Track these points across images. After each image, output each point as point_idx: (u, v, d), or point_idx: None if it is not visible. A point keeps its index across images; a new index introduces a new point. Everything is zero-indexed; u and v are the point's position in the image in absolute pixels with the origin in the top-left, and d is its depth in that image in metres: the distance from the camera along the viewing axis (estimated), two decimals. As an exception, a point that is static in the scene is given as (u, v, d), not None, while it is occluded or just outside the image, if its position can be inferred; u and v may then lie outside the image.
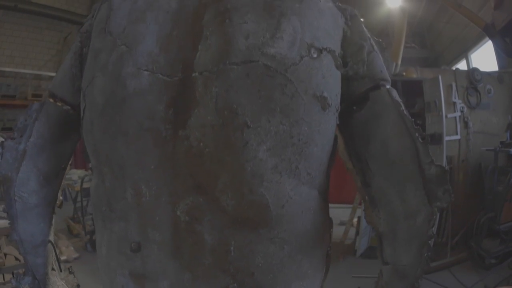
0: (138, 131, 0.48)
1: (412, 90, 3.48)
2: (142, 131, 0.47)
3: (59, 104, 0.64)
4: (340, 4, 0.60)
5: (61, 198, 0.78)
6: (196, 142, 0.45)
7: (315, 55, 0.49)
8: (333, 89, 0.52)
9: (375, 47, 0.60)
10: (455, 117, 3.52)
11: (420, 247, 0.56)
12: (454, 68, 6.47)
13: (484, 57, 5.52)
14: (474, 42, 5.58)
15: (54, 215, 0.73)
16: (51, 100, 0.64)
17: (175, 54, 0.48)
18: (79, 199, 3.63)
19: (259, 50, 0.46)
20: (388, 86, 0.58)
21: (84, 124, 0.56)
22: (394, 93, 0.58)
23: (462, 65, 6.25)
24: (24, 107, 5.85)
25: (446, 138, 3.31)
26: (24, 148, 0.62)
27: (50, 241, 0.72)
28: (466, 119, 3.64)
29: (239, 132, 0.45)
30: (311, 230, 0.54)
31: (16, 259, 2.62)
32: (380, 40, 0.64)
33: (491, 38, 4.13)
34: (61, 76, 0.65)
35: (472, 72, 3.76)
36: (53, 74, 6.14)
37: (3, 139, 0.65)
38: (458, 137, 3.53)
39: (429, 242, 0.56)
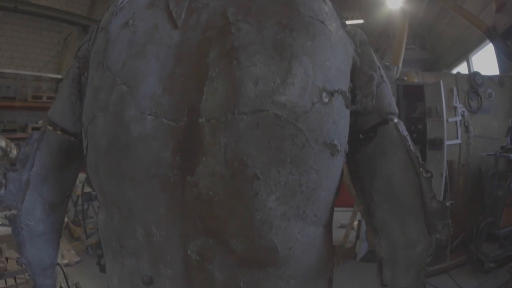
0: (145, 176, 0.47)
1: (413, 94, 3.48)
2: (149, 177, 0.47)
3: (59, 133, 0.63)
4: (349, 28, 0.58)
5: (66, 220, 0.79)
6: (205, 190, 0.45)
7: (326, 100, 0.48)
8: (342, 132, 0.52)
9: (384, 77, 0.59)
10: (456, 122, 3.53)
11: (417, 272, 0.59)
12: (455, 72, 6.49)
13: (485, 60, 5.51)
14: (475, 45, 5.57)
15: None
16: (51, 128, 0.63)
17: (180, 96, 0.46)
18: (79, 202, 3.63)
19: (269, 98, 0.44)
20: (396, 120, 0.58)
21: (88, 162, 0.55)
22: (402, 127, 0.58)
23: (462, 67, 6.25)
24: (24, 109, 5.80)
25: (447, 143, 3.32)
26: (27, 178, 0.62)
27: (58, 264, 0.73)
28: (466, 123, 3.65)
29: (249, 183, 0.45)
30: (316, 264, 0.55)
31: (18, 263, 2.63)
32: (388, 63, 0.63)
33: (493, 41, 4.12)
34: (60, 104, 0.64)
35: (473, 76, 3.76)
36: (53, 75, 6.16)
37: (6, 169, 0.65)
38: (458, 141, 3.53)
39: (426, 267, 0.59)
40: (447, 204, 0.56)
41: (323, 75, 0.48)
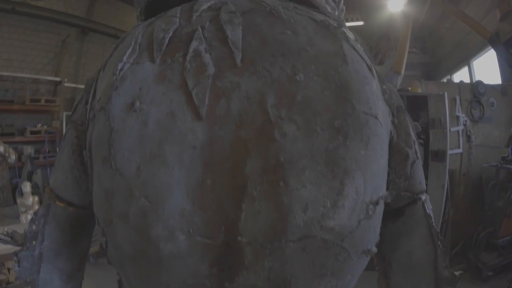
0: (181, 285, 0.44)
1: (416, 104, 3.47)
2: (186, 286, 0.44)
3: (66, 207, 0.58)
4: (388, 96, 0.53)
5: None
6: None
7: (371, 212, 0.45)
8: (378, 232, 0.51)
9: (418, 152, 0.56)
10: (458, 131, 3.53)
11: None
12: (456, 76, 6.50)
13: (486, 66, 5.51)
14: (477, 50, 5.56)
15: None
16: (57, 202, 0.58)
17: (214, 213, 0.40)
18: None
19: (318, 224, 0.40)
20: (423, 198, 0.58)
21: (110, 256, 0.50)
22: (428, 205, 0.58)
23: (464, 72, 6.25)
24: (22, 112, 5.75)
25: (449, 152, 3.33)
26: (39, 252, 0.58)
27: None
28: (468, 132, 3.66)
29: None
30: None
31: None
32: (420, 131, 0.60)
33: (496, 49, 4.11)
34: (62, 177, 0.58)
35: (476, 85, 3.76)
36: (51, 78, 6.09)
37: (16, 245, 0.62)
38: (460, 150, 3.54)
39: None
40: (457, 274, 0.56)
41: (372, 187, 0.44)
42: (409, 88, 3.67)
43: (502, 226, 3.14)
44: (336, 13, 0.61)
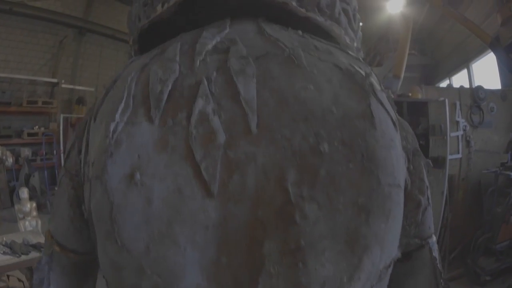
0: None
1: (416, 109, 3.47)
2: None
3: (69, 254, 0.55)
4: (405, 142, 0.49)
5: None
6: None
7: (383, 276, 0.43)
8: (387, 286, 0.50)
9: (430, 198, 0.53)
10: (458, 136, 3.54)
11: None
12: (454, 79, 6.50)
13: (486, 69, 5.52)
14: (476, 53, 5.57)
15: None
16: (59, 250, 0.55)
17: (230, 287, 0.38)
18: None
19: None
20: (431, 242, 0.57)
21: None
22: (434, 247, 0.57)
23: (463, 74, 6.26)
24: (19, 114, 5.73)
25: (449, 157, 3.34)
26: None
27: None
28: (468, 138, 3.67)
29: None
30: None
31: (19, 280, 2.62)
32: (429, 162, 0.59)
33: (497, 54, 4.11)
34: (63, 226, 0.54)
35: (477, 91, 3.76)
36: (48, 79, 6.04)
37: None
38: (459, 156, 3.55)
39: None
40: None
41: (388, 254, 0.42)
42: (410, 94, 3.66)
43: (501, 231, 3.16)
44: (355, 44, 0.57)
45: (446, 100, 3.24)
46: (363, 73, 0.44)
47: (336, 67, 0.43)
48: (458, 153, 3.53)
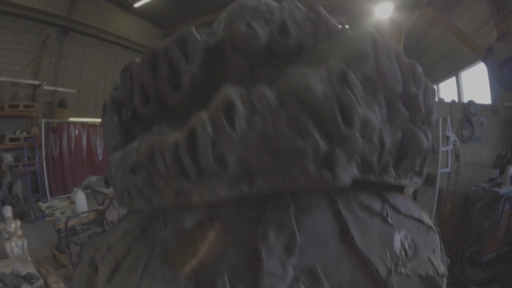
0: None
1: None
2: None
3: None
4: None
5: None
6: None
7: None
8: None
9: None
10: (447, 151, 3.58)
11: None
12: (441, 85, 6.55)
13: (475, 78, 5.58)
14: (466, 63, 5.61)
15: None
16: None
17: None
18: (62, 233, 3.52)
19: None
20: None
21: None
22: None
23: (451, 82, 6.34)
24: (0, 118, 5.43)
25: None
26: None
27: None
28: (457, 152, 3.71)
29: None
30: None
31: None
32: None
33: (489, 68, 4.14)
34: None
35: (468, 106, 3.78)
36: (30, 81, 5.77)
37: None
38: (448, 170, 3.59)
39: None
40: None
41: None
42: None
43: (487, 245, 3.25)
44: None
45: (440, 119, 3.24)
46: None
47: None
48: (447, 167, 3.57)
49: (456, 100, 5.63)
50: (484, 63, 4.17)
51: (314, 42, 0.43)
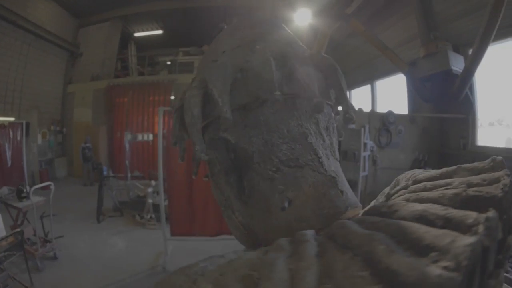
0: None
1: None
2: None
3: None
4: None
5: None
6: None
7: None
8: None
9: None
10: (365, 156, 3.90)
11: None
12: (356, 91, 6.63)
13: (388, 85, 5.78)
14: (380, 74, 5.88)
15: None
16: None
17: None
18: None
19: None
20: None
21: None
22: None
23: (366, 88, 6.58)
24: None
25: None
26: None
27: None
28: (374, 157, 4.03)
29: None
30: None
31: None
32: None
33: (411, 82, 4.36)
34: None
35: (387, 116, 4.06)
36: None
37: None
38: (366, 173, 3.94)
39: None
40: None
41: None
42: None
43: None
44: None
45: (362, 130, 3.52)
46: None
47: None
48: (365, 171, 3.91)
49: (370, 107, 5.89)
50: (407, 77, 4.39)
51: None
